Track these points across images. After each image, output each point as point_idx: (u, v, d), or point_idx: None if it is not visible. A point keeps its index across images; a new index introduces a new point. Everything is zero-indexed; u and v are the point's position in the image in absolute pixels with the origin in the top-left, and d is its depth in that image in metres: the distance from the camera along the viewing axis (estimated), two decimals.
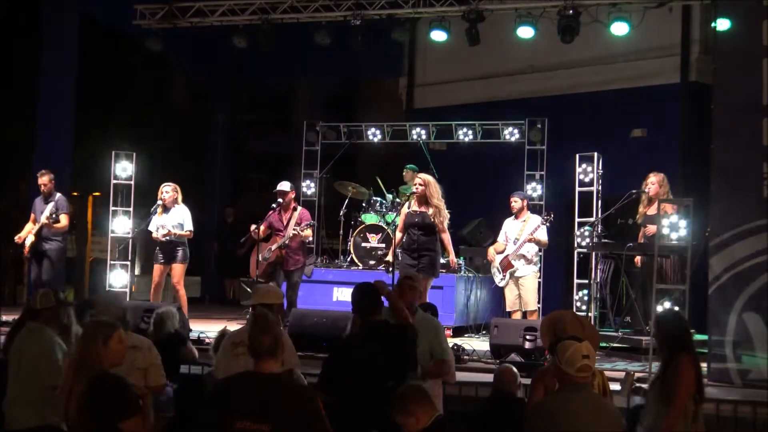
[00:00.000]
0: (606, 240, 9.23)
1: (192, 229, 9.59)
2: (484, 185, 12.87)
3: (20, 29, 13.50)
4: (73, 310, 5.41)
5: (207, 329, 9.15)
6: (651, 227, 8.49)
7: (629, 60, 12.55)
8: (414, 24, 12.08)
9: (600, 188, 10.01)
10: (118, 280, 10.48)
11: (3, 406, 5.14)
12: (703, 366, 5.80)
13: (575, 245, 10.07)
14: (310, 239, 10.06)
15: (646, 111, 12.53)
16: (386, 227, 11.01)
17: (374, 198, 11.66)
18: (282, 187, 9.42)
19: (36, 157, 12.09)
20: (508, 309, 9.37)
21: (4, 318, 9.44)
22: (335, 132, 12.74)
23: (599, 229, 9.46)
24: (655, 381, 4.95)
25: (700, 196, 7.92)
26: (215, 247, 15.09)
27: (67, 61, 12.52)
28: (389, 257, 9.01)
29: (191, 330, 8.66)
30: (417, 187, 8.57)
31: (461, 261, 11.00)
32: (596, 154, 10.03)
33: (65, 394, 4.09)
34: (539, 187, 11.18)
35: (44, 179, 9.92)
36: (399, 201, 11.08)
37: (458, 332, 10.41)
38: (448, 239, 8.68)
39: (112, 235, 10.57)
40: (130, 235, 10.52)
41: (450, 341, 6.45)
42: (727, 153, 7.45)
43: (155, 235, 9.49)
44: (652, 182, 8.79)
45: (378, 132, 12.61)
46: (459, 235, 11.38)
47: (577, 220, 10.13)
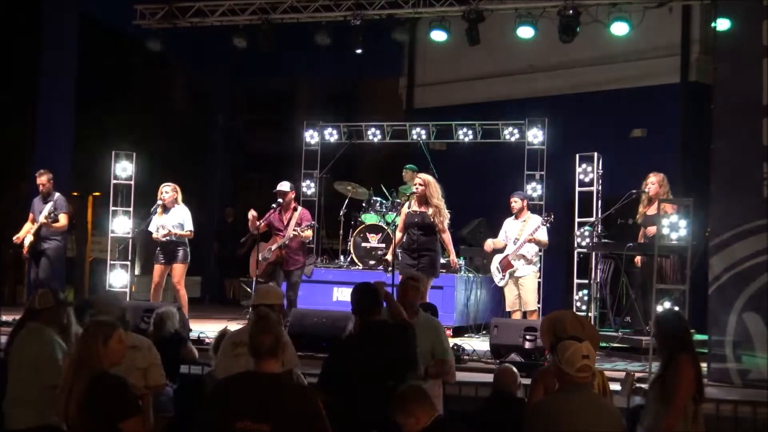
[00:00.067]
0: (606, 240, 9.23)
1: (192, 229, 9.59)
2: (484, 185, 12.88)
3: (20, 29, 13.50)
4: (73, 310, 5.40)
5: (207, 329, 9.15)
6: (651, 227, 8.50)
7: (629, 60, 12.55)
8: (414, 24, 12.10)
9: (600, 188, 10.01)
10: (118, 280, 10.48)
11: (3, 406, 5.14)
12: (703, 366, 5.80)
13: (575, 245, 10.07)
14: (310, 239, 10.07)
15: (646, 111, 12.54)
16: (386, 227, 11.01)
17: (374, 198, 11.66)
18: (282, 187, 9.41)
19: (36, 157, 12.10)
20: (508, 309, 9.37)
21: (4, 318, 9.46)
22: (335, 132, 12.73)
23: (599, 229, 9.46)
24: (655, 381, 4.95)
25: (700, 196, 7.93)
26: (215, 247, 15.10)
27: (67, 61, 12.53)
28: (389, 256, 9.02)
29: (191, 330, 8.66)
30: (417, 187, 8.56)
31: (461, 261, 11.00)
32: (596, 154, 10.03)
33: (65, 394, 4.09)
34: (539, 187, 11.17)
35: (43, 179, 9.92)
36: (399, 201, 11.08)
37: (458, 332, 10.42)
38: (449, 239, 8.68)
39: (112, 235, 10.57)
40: (130, 235, 10.52)
41: (450, 341, 6.45)
42: (727, 153, 7.45)
43: (155, 236, 9.49)
44: (652, 182, 8.80)
45: (378, 132, 12.59)
46: (459, 235, 11.38)
47: (577, 220, 10.14)
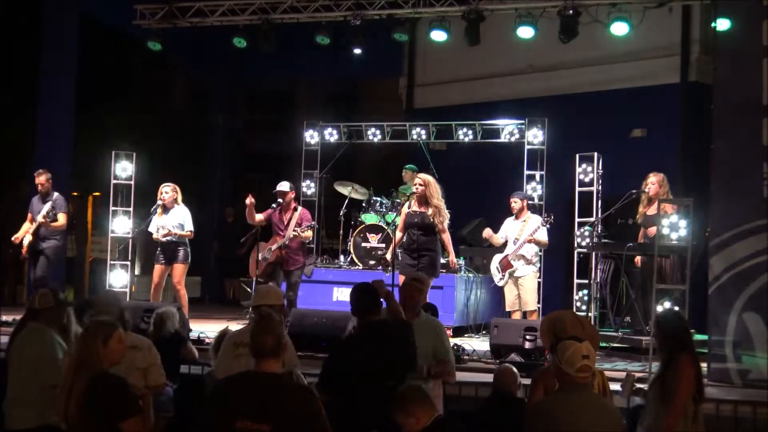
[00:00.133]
0: (606, 240, 9.23)
1: (192, 230, 9.59)
2: (484, 185, 12.88)
3: (20, 29, 13.49)
4: (73, 310, 5.40)
5: (207, 329, 9.16)
6: (651, 227, 8.49)
7: (629, 60, 12.55)
8: (414, 24, 12.09)
9: (600, 188, 10.02)
10: (118, 280, 10.48)
11: (3, 406, 5.14)
12: (703, 366, 5.80)
13: (575, 245, 10.08)
14: (310, 239, 10.06)
15: (646, 111, 12.53)
16: (386, 227, 11.01)
17: (374, 198, 11.66)
18: (281, 188, 9.41)
19: (36, 157, 12.10)
20: (508, 309, 9.37)
21: (4, 318, 9.46)
22: (335, 132, 12.73)
23: (599, 229, 9.46)
24: (655, 381, 4.95)
25: (700, 196, 7.92)
26: (215, 247, 15.10)
27: (67, 61, 12.52)
28: (388, 256, 9.02)
29: (191, 330, 8.66)
30: (417, 187, 8.56)
31: (461, 261, 11.00)
32: (596, 154, 10.04)
33: (65, 394, 4.09)
34: (539, 187, 11.17)
35: (41, 179, 9.91)
36: (399, 201, 11.08)
37: (458, 332, 10.41)
38: (449, 239, 8.67)
39: (112, 235, 10.58)
40: (130, 235, 10.52)
41: (450, 341, 6.45)
42: (727, 153, 7.45)
43: (155, 236, 9.49)
44: (652, 182, 8.80)
45: (378, 132, 12.59)
46: (459, 235, 11.38)
47: (577, 220, 10.14)
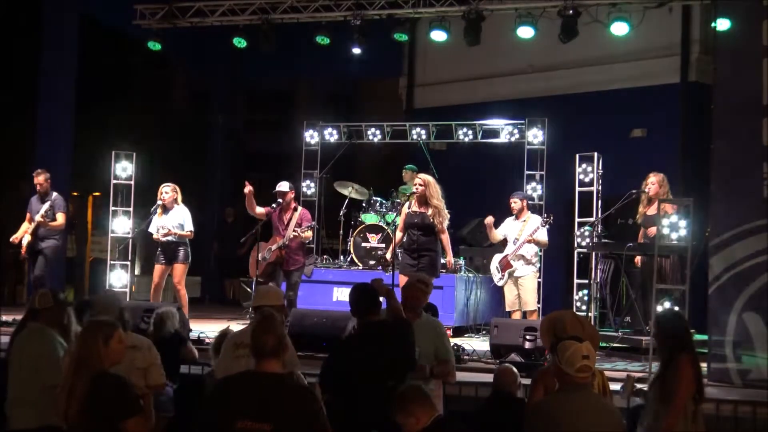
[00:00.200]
0: (606, 240, 9.23)
1: (192, 230, 9.58)
2: (484, 185, 12.88)
3: (20, 29, 13.49)
4: (73, 310, 5.40)
5: (207, 329, 9.16)
6: (651, 227, 8.49)
7: (629, 60, 12.54)
8: (414, 24, 12.09)
9: (600, 188, 10.01)
10: (118, 280, 10.48)
11: (5, 407, 5.13)
12: (703, 366, 5.80)
13: (575, 245, 10.08)
14: (310, 239, 10.06)
15: (646, 111, 12.53)
16: (386, 227, 11.01)
17: (374, 198, 11.66)
18: (281, 188, 9.40)
19: (36, 157, 12.09)
20: (508, 309, 9.37)
21: (4, 318, 9.46)
22: (335, 132, 12.73)
23: (599, 229, 9.47)
24: (655, 381, 4.94)
25: (700, 196, 7.92)
26: (215, 247, 15.10)
27: (67, 61, 12.52)
28: (388, 255, 9.02)
29: (191, 330, 8.66)
30: (417, 188, 8.56)
31: (461, 261, 11.00)
32: (596, 154, 10.04)
33: (65, 394, 4.08)
34: (539, 187, 11.17)
35: (40, 179, 9.91)
36: (399, 201, 11.08)
37: (458, 332, 10.41)
38: (447, 240, 8.67)
39: (112, 235, 10.57)
40: (130, 235, 10.52)
41: (450, 341, 6.45)
42: (727, 153, 7.45)
43: (156, 236, 9.49)
44: (652, 182, 8.80)
45: (378, 132, 12.59)
46: (459, 235, 11.38)
47: (577, 220, 10.14)
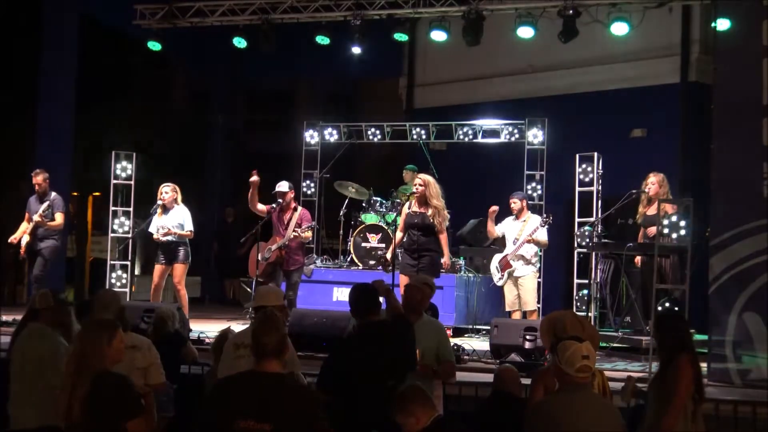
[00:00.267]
0: (606, 240, 9.23)
1: (192, 229, 9.58)
2: (484, 185, 12.87)
3: (20, 29, 13.49)
4: (74, 310, 5.40)
5: (207, 329, 9.16)
6: (651, 227, 8.49)
7: (629, 60, 12.54)
8: (414, 24, 12.08)
9: (600, 188, 10.01)
10: (118, 280, 10.48)
11: (7, 407, 5.12)
12: (703, 366, 5.80)
13: (575, 245, 10.08)
14: (310, 240, 10.06)
15: (646, 111, 12.53)
16: (386, 227, 11.01)
17: (374, 198, 11.66)
18: (281, 188, 9.40)
19: (36, 157, 12.09)
20: (508, 309, 9.37)
21: (4, 318, 9.46)
22: (335, 132, 12.73)
23: (599, 229, 9.47)
24: (655, 381, 4.94)
25: (700, 196, 7.93)
26: (215, 247, 15.10)
27: (67, 61, 12.52)
28: (388, 255, 9.02)
29: (191, 330, 8.66)
30: (417, 188, 8.56)
31: (461, 261, 11.00)
32: (596, 154, 10.03)
33: (67, 394, 4.07)
34: (539, 187, 11.17)
35: (38, 179, 9.91)
36: (399, 201, 11.08)
37: (458, 332, 10.41)
38: (445, 240, 8.66)
39: (112, 235, 10.58)
40: (130, 235, 10.52)
41: (450, 341, 6.45)
42: (727, 153, 7.45)
43: (156, 236, 9.49)
44: (652, 182, 8.80)
45: (378, 132, 12.59)
46: (459, 235, 11.38)
47: (577, 220, 10.14)
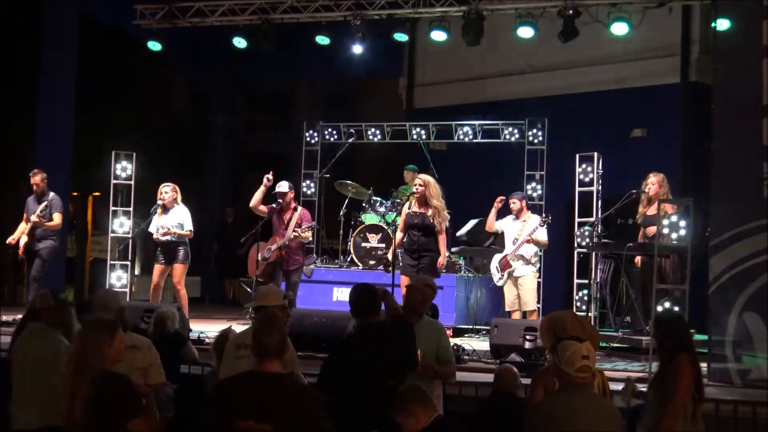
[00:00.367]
0: (606, 240, 9.24)
1: (192, 229, 9.58)
2: (484, 185, 12.85)
3: (20, 29, 13.48)
4: (74, 310, 5.40)
5: (207, 329, 9.16)
6: (651, 227, 8.49)
7: (629, 60, 12.54)
8: (414, 24, 12.08)
9: (600, 188, 10.01)
10: (118, 280, 10.48)
11: (10, 407, 5.12)
12: (703, 366, 5.80)
13: (575, 245, 10.08)
14: (310, 240, 10.06)
15: (646, 111, 12.52)
16: (386, 227, 11.01)
17: (374, 198, 11.66)
18: (281, 188, 9.40)
19: (36, 157, 12.09)
20: (507, 309, 9.37)
21: (4, 318, 9.46)
22: (335, 132, 12.73)
23: (599, 229, 9.47)
24: (654, 381, 4.94)
25: (700, 196, 7.92)
26: (215, 247, 15.09)
27: (67, 61, 12.51)
28: (389, 256, 9.02)
29: (191, 330, 8.66)
30: (417, 188, 8.56)
31: (461, 261, 11.00)
32: (596, 154, 10.03)
33: (68, 394, 4.06)
34: (539, 187, 11.17)
35: (36, 179, 9.90)
36: (399, 201, 11.08)
37: (458, 332, 10.41)
38: (444, 241, 8.67)
39: (112, 235, 10.58)
40: (130, 235, 10.52)
41: (450, 341, 6.46)
42: (727, 153, 7.45)
43: (156, 236, 9.49)
44: (652, 182, 8.80)
45: (378, 132, 12.60)
46: (458, 236, 11.38)
47: (577, 220, 10.14)
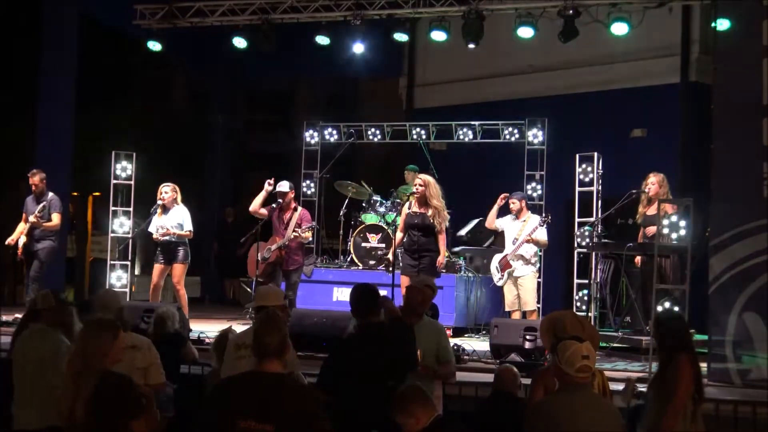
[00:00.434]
0: (606, 240, 9.24)
1: (191, 230, 9.58)
2: (484, 185, 12.86)
3: (20, 29, 13.48)
4: (75, 310, 5.40)
5: (207, 329, 9.16)
6: (651, 227, 8.49)
7: (629, 60, 12.53)
8: (414, 24, 12.08)
9: (600, 188, 10.01)
10: (118, 280, 10.48)
11: (11, 408, 5.12)
12: (703, 366, 5.80)
13: (575, 245, 10.08)
14: (309, 240, 10.06)
15: (646, 111, 12.52)
16: (386, 227, 11.01)
17: (374, 198, 11.66)
18: (281, 188, 9.40)
19: (36, 157, 12.08)
20: (507, 309, 9.38)
21: (4, 318, 9.45)
22: (335, 132, 12.73)
23: (599, 229, 9.47)
24: (654, 381, 4.95)
25: (700, 196, 7.92)
26: (215, 247, 15.09)
27: (67, 61, 12.50)
28: (390, 256, 9.03)
29: (191, 330, 8.66)
30: (417, 188, 8.57)
31: (461, 261, 11.00)
32: (596, 154, 10.03)
33: (70, 394, 4.05)
34: (539, 187, 11.17)
35: (35, 179, 9.89)
36: (399, 201, 11.09)
37: (458, 332, 10.41)
38: (443, 241, 8.68)
39: (112, 235, 10.58)
40: (130, 235, 10.52)
41: (450, 341, 6.46)
42: (727, 153, 7.45)
43: (155, 236, 9.49)
44: (652, 182, 8.80)
45: (378, 132, 12.60)
46: (459, 236, 11.38)
47: (577, 220, 10.14)
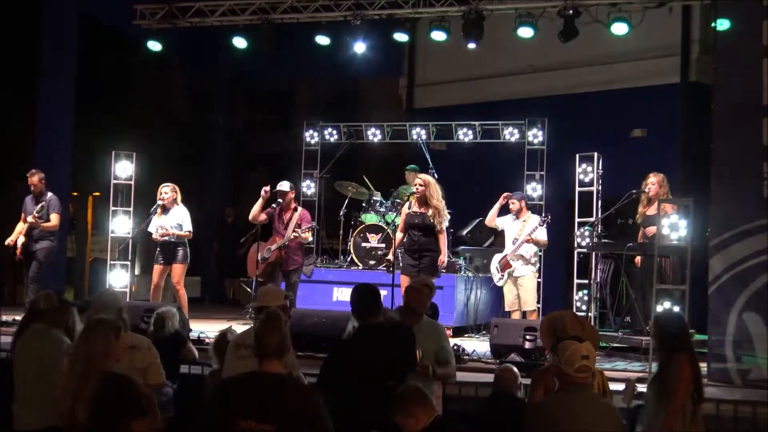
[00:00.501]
0: (606, 240, 9.24)
1: (191, 230, 9.57)
2: (484, 185, 12.86)
3: (20, 29, 13.47)
4: (76, 311, 5.40)
5: (207, 329, 9.16)
6: (651, 227, 8.50)
7: (629, 60, 12.55)
8: (414, 24, 12.08)
9: (600, 188, 10.01)
10: (118, 280, 10.47)
11: (13, 408, 5.11)
12: (703, 366, 5.80)
13: (575, 245, 10.08)
14: (309, 240, 10.06)
15: (646, 111, 12.54)
16: (386, 227, 11.01)
17: (374, 198, 11.66)
18: (281, 188, 9.40)
19: (36, 157, 12.08)
20: (507, 309, 9.38)
21: (4, 318, 9.45)
22: (335, 132, 12.73)
23: (599, 229, 9.47)
24: (654, 380, 4.95)
25: (700, 196, 7.93)
26: (215, 247, 15.10)
27: (67, 61, 12.50)
28: (390, 256, 9.03)
29: (191, 330, 8.66)
30: (417, 188, 8.57)
31: (461, 261, 11.01)
32: (596, 154, 10.03)
33: (71, 394, 4.05)
34: (539, 187, 11.17)
35: (34, 179, 9.88)
36: (399, 201, 11.09)
37: (458, 332, 10.42)
38: (444, 241, 8.69)
39: (112, 235, 10.57)
40: (130, 235, 10.52)
41: (450, 341, 6.46)
42: (727, 153, 7.46)
43: (155, 236, 9.49)
44: (652, 182, 8.80)
45: (378, 132, 12.60)
46: (459, 235, 11.38)
47: (577, 220, 10.13)
